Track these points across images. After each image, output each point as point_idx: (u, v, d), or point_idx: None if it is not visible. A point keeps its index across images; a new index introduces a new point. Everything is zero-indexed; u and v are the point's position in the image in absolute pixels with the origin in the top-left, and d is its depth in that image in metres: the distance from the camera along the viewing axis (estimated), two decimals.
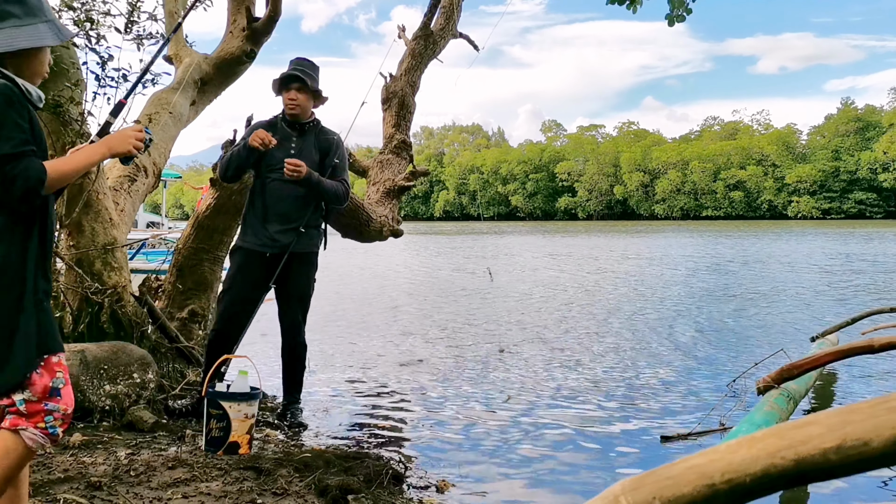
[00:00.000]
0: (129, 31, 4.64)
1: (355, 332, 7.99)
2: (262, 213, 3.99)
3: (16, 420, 1.97)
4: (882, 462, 0.77)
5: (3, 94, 1.92)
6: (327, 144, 4.07)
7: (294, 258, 3.95)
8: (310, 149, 4.02)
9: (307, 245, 4.02)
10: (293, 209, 3.96)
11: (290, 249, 3.91)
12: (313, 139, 4.06)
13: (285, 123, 4.06)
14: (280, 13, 4.48)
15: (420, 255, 23.16)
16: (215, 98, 5.17)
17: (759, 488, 0.82)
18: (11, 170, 1.90)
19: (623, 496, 0.88)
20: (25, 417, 1.96)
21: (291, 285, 4.01)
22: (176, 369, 4.40)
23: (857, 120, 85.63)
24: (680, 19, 7.23)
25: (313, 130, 4.08)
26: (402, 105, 5.73)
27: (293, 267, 3.97)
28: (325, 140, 4.08)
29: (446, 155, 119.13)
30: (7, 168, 1.90)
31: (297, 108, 3.99)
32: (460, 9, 6.20)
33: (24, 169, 1.91)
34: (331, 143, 4.09)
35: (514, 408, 4.70)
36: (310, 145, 4.03)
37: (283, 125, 4.06)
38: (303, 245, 3.99)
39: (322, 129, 4.13)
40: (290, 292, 4.03)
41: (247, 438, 3.42)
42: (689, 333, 7.87)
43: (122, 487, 2.84)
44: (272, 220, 3.96)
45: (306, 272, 4.06)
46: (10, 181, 1.89)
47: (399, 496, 3.04)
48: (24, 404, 1.96)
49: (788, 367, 3.79)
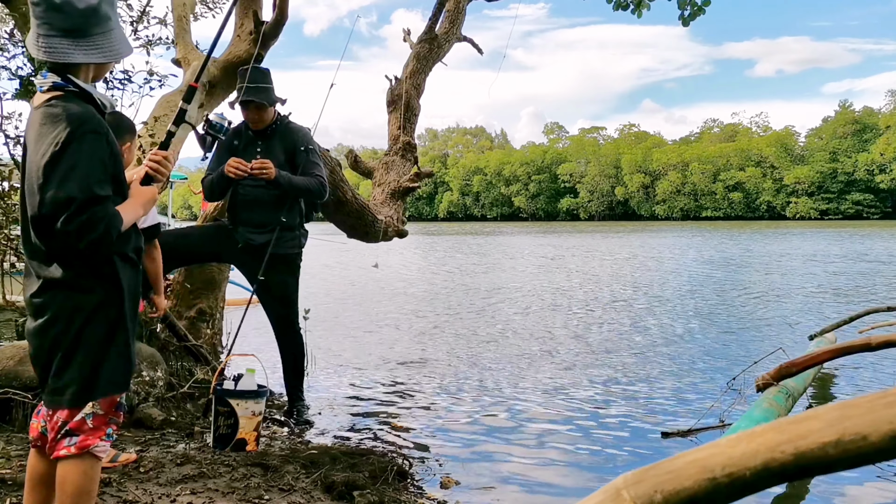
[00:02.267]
0: (137, 34, 4.69)
1: (360, 331, 8.03)
2: (234, 218, 4.08)
3: (83, 441, 1.92)
4: (880, 456, 0.76)
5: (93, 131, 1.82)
6: (292, 143, 4.07)
7: (271, 260, 3.92)
8: (274, 150, 4.04)
9: (283, 247, 4.00)
10: (264, 214, 3.98)
11: (268, 251, 3.90)
12: (278, 140, 4.08)
13: (250, 130, 4.10)
14: (287, 17, 4.51)
15: (424, 255, 23.18)
16: (223, 101, 5.18)
17: (760, 482, 0.81)
18: (99, 212, 1.80)
19: (625, 490, 0.87)
20: (90, 432, 1.93)
21: (271, 287, 4.00)
22: (184, 367, 4.42)
23: (855, 122, 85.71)
24: (693, 17, 7.20)
25: (277, 132, 4.10)
26: (407, 107, 5.77)
27: (271, 269, 3.94)
28: (291, 139, 4.09)
29: (450, 156, 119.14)
30: (96, 209, 1.79)
31: (258, 122, 4.05)
32: (465, 13, 6.24)
33: (112, 216, 1.83)
34: (296, 140, 4.09)
35: (517, 406, 4.74)
36: (274, 146, 4.06)
37: (247, 132, 4.11)
38: (279, 247, 3.97)
39: (288, 128, 4.12)
40: (272, 294, 4.04)
41: (254, 435, 3.45)
42: (688, 332, 7.91)
43: (131, 484, 2.86)
44: (245, 223, 4.03)
45: (283, 274, 4.03)
46: (92, 224, 1.78)
47: (404, 492, 3.07)
48: (91, 418, 1.93)
49: (787, 365, 3.82)
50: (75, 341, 1.90)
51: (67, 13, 1.81)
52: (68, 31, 1.82)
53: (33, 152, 1.84)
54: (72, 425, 1.91)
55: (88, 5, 1.82)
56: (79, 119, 1.80)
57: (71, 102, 1.84)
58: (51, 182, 1.77)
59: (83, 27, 1.83)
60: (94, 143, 1.81)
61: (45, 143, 1.79)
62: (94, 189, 1.78)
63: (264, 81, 4.01)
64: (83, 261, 1.89)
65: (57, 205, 1.76)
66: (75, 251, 1.84)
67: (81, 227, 1.77)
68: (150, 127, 4.45)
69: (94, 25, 1.84)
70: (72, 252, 1.85)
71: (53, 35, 1.82)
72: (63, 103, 1.83)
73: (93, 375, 1.92)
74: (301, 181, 3.97)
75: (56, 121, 1.80)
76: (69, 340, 1.90)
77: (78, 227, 1.77)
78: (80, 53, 1.84)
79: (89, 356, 1.91)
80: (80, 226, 1.76)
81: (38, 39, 1.85)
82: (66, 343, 1.90)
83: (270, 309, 4.11)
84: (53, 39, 1.82)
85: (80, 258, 1.88)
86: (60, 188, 1.76)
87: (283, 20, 4.55)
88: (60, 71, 1.86)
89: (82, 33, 1.83)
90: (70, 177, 1.76)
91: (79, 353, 1.91)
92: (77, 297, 1.89)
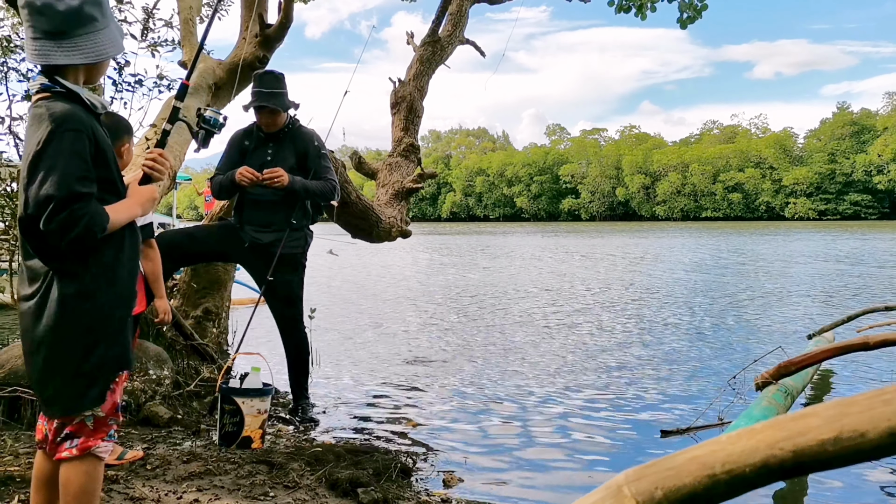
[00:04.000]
0: (144, 37, 4.72)
1: (365, 330, 8.06)
2: (241, 218, 4.11)
3: (84, 442, 1.92)
4: (878, 453, 0.78)
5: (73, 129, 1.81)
6: (303, 146, 4.11)
7: (277, 260, 3.97)
8: (285, 154, 4.07)
9: (288, 247, 4.03)
10: (270, 214, 4.03)
11: (276, 251, 3.95)
12: (289, 143, 4.10)
13: (261, 131, 4.13)
14: (292, 20, 4.55)
15: (428, 255, 23.19)
16: (229, 102, 5.22)
17: (759, 478, 0.83)
18: (79, 210, 1.77)
19: (626, 486, 0.89)
20: (91, 434, 1.93)
21: (276, 287, 4.05)
22: (190, 366, 4.44)
23: (853, 124, 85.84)
24: (691, 21, 7.25)
25: (288, 135, 4.12)
26: (411, 109, 5.81)
27: (276, 269, 3.98)
28: (301, 142, 4.11)
29: (453, 158, 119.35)
30: (76, 207, 1.77)
31: (271, 126, 4.07)
32: (467, 16, 6.26)
33: (95, 214, 1.80)
34: (307, 143, 4.11)
35: (519, 405, 4.77)
36: (285, 150, 4.08)
37: (258, 133, 4.13)
38: (284, 247, 4.00)
39: (299, 132, 4.15)
40: (276, 294, 4.08)
41: (259, 433, 3.48)
42: (688, 331, 7.93)
43: (138, 481, 2.88)
44: (251, 222, 4.07)
45: (288, 273, 4.07)
46: (73, 221, 1.76)
47: (407, 489, 3.09)
48: (92, 420, 1.93)
49: (786, 364, 3.83)
50: (63, 348, 1.87)
51: (48, 16, 1.82)
52: (50, 32, 1.83)
53: (24, 153, 1.86)
54: (71, 428, 1.92)
55: (69, 7, 1.82)
56: (60, 118, 1.80)
57: (55, 102, 1.85)
58: (32, 181, 1.78)
59: (64, 29, 1.83)
60: (74, 141, 1.80)
61: (31, 144, 1.81)
62: (73, 186, 1.76)
63: (278, 86, 4.02)
64: (73, 262, 1.86)
65: (38, 204, 1.75)
66: (59, 251, 1.83)
67: (62, 225, 1.75)
68: (158, 129, 4.49)
69: (75, 27, 1.84)
70: (56, 252, 1.84)
71: (38, 37, 1.84)
72: (48, 103, 1.84)
73: (81, 386, 1.89)
74: (316, 186, 4.04)
75: (40, 121, 1.81)
76: (57, 348, 1.87)
77: (59, 226, 1.75)
78: (62, 54, 1.84)
79: (79, 365, 1.88)
80: (60, 224, 1.75)
81: (28, 42, 1.88)
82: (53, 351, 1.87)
83: (275, 308, 4.14)
84: (38, 42, 1.84)
85: (68, 259, 1.85)
86: (41, 187, 1.75)
87: (288, 23, 4.58)
88: (49, 73, 1.87)
89: (64, 35, 1.84)
90: (50, 175, 1.76)
91: (67, 363, 1.88)
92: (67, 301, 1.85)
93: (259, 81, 4.01)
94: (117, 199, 1.94)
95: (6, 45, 4.57)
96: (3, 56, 4.50)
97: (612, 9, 7.17)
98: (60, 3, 1.81)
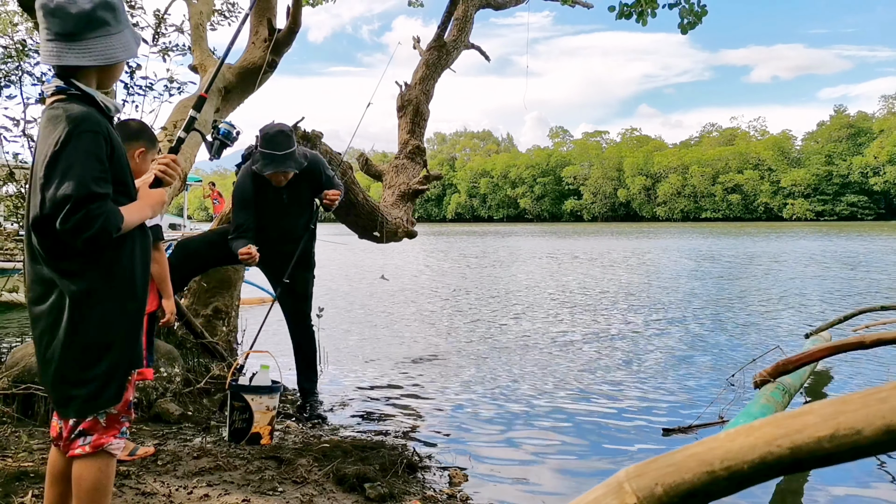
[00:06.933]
0: (156, 42, 4.77)
1: (371, 329, 8.10)
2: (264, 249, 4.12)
3: (97, 439, 1.95)
4: (873, 450, 0.78)
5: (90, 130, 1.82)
6: (314, 179, 4.18)
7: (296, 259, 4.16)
8: (299, 190, 4.15)
9: (303, 249, 4.22)
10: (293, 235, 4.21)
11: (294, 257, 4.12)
12: (302, 180, 4.13)
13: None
14: (300, 25, 4.57)
15: (434, 255, 23.21)
16: (238, 105, 5.26)
17: (757, 475, 0.84)
18: (95, 209, 1.79)
19: (627, 482, 0.90)
20: (103, 431, 1.95)
21: (296, 284, 4.22)
22: (201, 364, 4.50)
23: (850, 126, 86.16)
24: (692, 26, 7.29)
25: (298, 175, 4.10)
26: (417, 112, 5.86)
27: (296, 268, 4.17)
28: (311, 175, 4.15)
29: (458, 159, 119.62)
30: (92, 207, 1.78)
31: (283, 182, 4.05)
32: (472, 21, 6.31)
33: (110, 214, 1.82)
34: (313, 171, 4.15)
35: (522, 403, 4.83)
36: (298, 186, 4.13)
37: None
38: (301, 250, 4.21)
39: (307, 169, 4.10)
40: (295, 291, 4.25)
41: (268, 429, 3.53)
42: (688, 331, 7.97)
43: (149, 476, 2.93)
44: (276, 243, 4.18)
45: (305, 271, 4.29)
46: (89, 221, 1.78)
47: (413, 484, 3.14)
48: (104, 417, 1.95)
49: (784, 363, 3.85)
50: (78, 353, 1.89)
51: (61, 18, 1.85)
52: (62, 34, 1.86)
53: (38, 154, 1.88)
54: (85, 425, 1.94)
55: (81, 10, 1.85)
56: (77, 119, 1.82)
57: (72, 104, 1.87)
58: (50, 181, 1.79)
59: (76, 31, 1.86)
60: (91, 142, 1.82)
61: (47, 144, 1.82)
62: (90, 186, 1.78)
63: (290, 145, 3.92)
64: (85, 263, 1.87)
65: (56, 204, 1.77)
66: (70, 251, 1.85)
67: (77, 224, 1.77)
68: (170, 132, 4.53)
69: (87, 30, 1.87)
70: (68, 252, 1.85)
71: (51, 38, 1.87)
72: (64, 105, 1.86)
73: (96, 388, 1.91)
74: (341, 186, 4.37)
75: (56, 122, 1.83)
76: (72, 352, 1.89)
77: (74, 225, 1.76)
78: (73, 56, 1.87)
79: (94, 368, 1.90)
80: (76, 223, 1.76)
81: (42, 43, 1.92)
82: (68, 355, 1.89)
83: (289, 304, 4.26)
84: (51, 43, 1.87)
85: (79, 260, 1.87)
86: (58, 187, 1.77)
87: (297, 28, 4.62)
88: (64, 75, 1.91)
89: (76, 37, 1.86)
90: (67, 175, 1.77)
91: (82, 367, 1.90)
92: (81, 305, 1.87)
93: (270, 143, 3.85)
94: (129, 201, 1.97)
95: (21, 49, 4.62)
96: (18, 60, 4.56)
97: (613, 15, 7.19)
98: (73, 6, 1.85)
